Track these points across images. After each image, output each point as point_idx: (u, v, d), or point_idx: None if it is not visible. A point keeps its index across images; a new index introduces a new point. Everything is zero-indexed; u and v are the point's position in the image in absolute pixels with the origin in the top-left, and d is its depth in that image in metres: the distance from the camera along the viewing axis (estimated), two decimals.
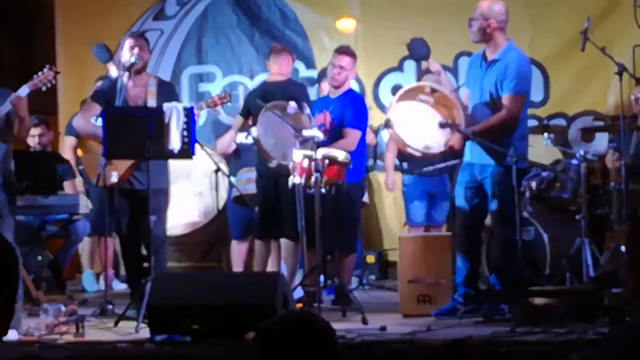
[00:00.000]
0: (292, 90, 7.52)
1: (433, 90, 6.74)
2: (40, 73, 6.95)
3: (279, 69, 7.72)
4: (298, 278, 7.54)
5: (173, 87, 7.70)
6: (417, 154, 6.74)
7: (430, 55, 7.84)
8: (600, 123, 8.39)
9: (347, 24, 9.58)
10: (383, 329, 5.81)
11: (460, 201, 6.64)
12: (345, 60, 7.44)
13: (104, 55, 9.35)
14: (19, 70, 7.35)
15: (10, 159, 7.10)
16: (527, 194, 7.27)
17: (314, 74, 9.38)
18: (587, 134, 8.43)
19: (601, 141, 8.29)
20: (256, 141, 7.17)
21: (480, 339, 5.24)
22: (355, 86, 8.74)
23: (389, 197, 9.24)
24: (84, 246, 9.25)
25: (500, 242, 6.52)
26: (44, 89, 7.05)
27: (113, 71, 8.87)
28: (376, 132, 8.75)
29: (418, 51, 7.66)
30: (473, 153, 6.51)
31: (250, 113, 7.61)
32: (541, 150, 8.00)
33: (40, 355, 5.07)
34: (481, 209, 6.54)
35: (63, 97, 10.05)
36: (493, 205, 6.43)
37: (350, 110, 7.35)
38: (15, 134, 7.04)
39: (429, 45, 7.45)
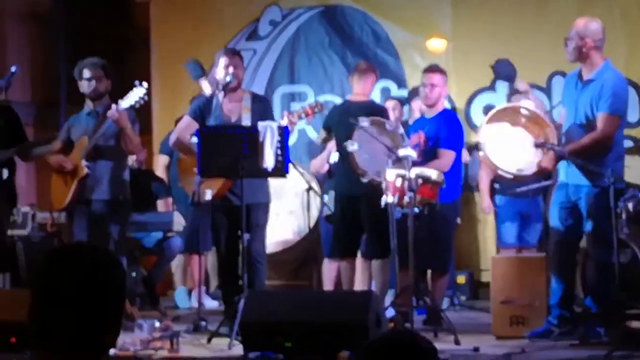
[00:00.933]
0: (373, 111, 7.44)
1: (526, 111, 6.70)
2: (133, 90, 7.13)
3: (362, 89, 7.64)
4: (388, 297, 7.54)
5: (267, 100, 7.78)
6: (509, 176, 6.69)
7: (520, 74, 7.83)
8: None
9: (438, 44, 9.55)
10: (476, 350, 5.79)
11: (554, 222, 6.56)
12: (435, 78, 7.39)
13: (197, 71, 9.50)
14: (116, 93, 7.48)
15: (123, 176, 7.28)
16: (624, 216, 7.12)
17: (404, 93, 9.36)
18: None
19: None
20: (349, 155, 7.07)
21: None
22: (445, 104, 8.74)
23: (481, 217, 9.16)
24: (177, 263, 9.32)
25: (596, 264, 6.42)
26: (137, 106, 7.21)
27: (206, 88, 8.98)
28: (468, 151, 8.68)
29: (504, 72, 7.62)
30: (568, 173, 6.42)
31: (330, 129, 7.62)
32: (638, 171, 7.86)
33: None
34: (576, 230, 6.45)
35: (157, 117, 10.21)
36: (588, 226, 6.35)
37: (445, 131, 7.30)
38: (125, 148, 7.23)
39: (514, 65, 7.40)
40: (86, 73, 7.36)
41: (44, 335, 2.37)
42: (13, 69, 7.50)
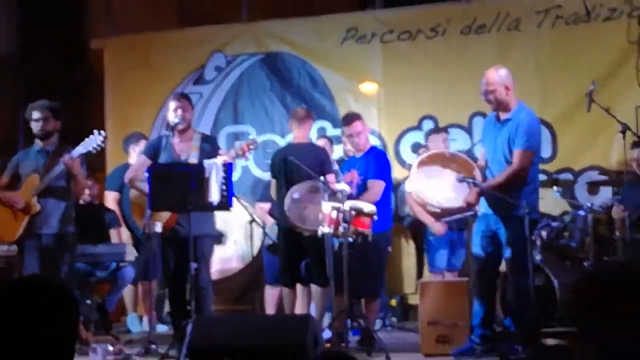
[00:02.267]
0: (314, 152, 7.53)
1: (453, 156, 6.81)
2: (90, 137, 7.09)
3: (303, 133, 7.68)
4: (325, 320, 7.54)
5: (215, 139, 7.74)
6: (436, 210, 6.77)
7: (444, 115, 7.89)
8: (605, 177, 8.38)
9: (369, 87, 9.62)
10: None
11: (476, 249, 6.62)
12: (358, 126, 7.46)
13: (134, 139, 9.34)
14: (73, 133, 7.45)
15: (70, 213, 7.22)
16: (538, 243, 7.25)
17: (339, 132, 9.40)
18: (593, 188, 8.41)
19: (605, 194, 8.28)
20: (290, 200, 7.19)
21: None
22: (376, 141, 8.79)
23: (410, 246, 9.22)
24: (128, 290, 9.23)
25: (514, 287, 6.47)
26: (93, 152, 7.17)
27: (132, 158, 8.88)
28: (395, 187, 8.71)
29: None
30: (486, 205, 6.52)
31: (276, 177, 7.61)
32: (550, 202, 7.99)
33: None
34: (496, 256, 6.51)
35: (110, 156, 10.07)
36: (507, 252, 6.41)
37: (373, 165, 7.37)
38: (73, 189, 7.18)
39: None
40: (35, 114, 7.32)
41: None
42: None
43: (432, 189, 6.65)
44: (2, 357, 2.32)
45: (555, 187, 8.06)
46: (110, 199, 9.25)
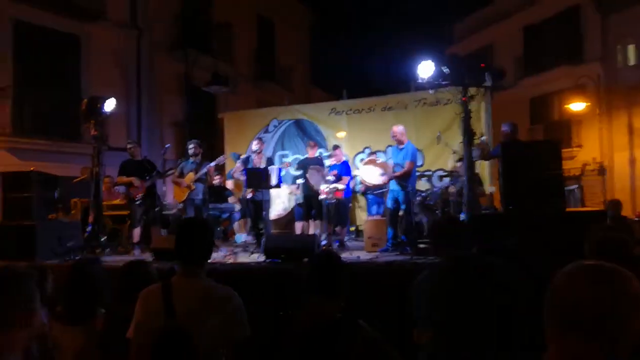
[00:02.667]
0: (317, 161, 7.49)
1: (380, 162, 6.76)
2: (219, 157, 7.02)
3: (312, 153, 7.67)
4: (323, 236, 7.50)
5: (272, 158, 7.69)
6: (371, 185, 6.75)
7: (376, 146, 7.80)
8: (445, 173, 8.31)
9: (342, 134, 9.50)
10: (358, 257, 5.73)
11: (388, 205, 6.54)
12: (337, 152, 7.44)
13: (235, 156, 9.29)
14: (208, 156, 7.42)
15: (206, 190, 7.12)
16: (417, 202, 7.21)
17: (327, 154, 9.32)
18: (441, 178, 8.31)
19: (445, 181, 8.09)
20: (307, 180, 7.19)
21: (398, 261, 5.14)
22: (345, 157, 8.79)
23: (359, 203, 9.13)
24: (237, 224, 9.12)
25: (406, 222, 6.37)
26: (219, 164, 7.08)
27: (238, 163, 8.78)
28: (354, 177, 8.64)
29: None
30: (393, 184, 6.45)
31: (302, 168, 7.57)
32: (421, 185, 7.94)
33: (218, 268, 4.98)
34: (397, 207, 6.43)
35: (228, 165, 9.98)
36: (402, 206, 6.35)
37: (344, 168, 7.31)
38: (207, 180, 7.08)
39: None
40: (189, 145, 7.23)
41: (184, 254, 2.35)
42: (167, 145, 7.39)
43: (368, 176, 6.60)
44: (182, 248, 2.33)
45: (424, 178, 8.04)
46: (229, 183, 9.26)
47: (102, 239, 6.58)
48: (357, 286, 3.77)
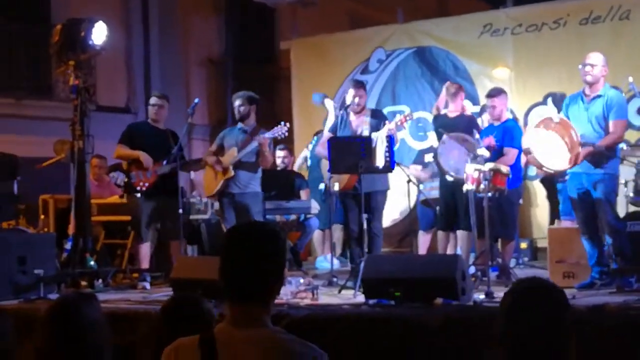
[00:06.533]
0: (466, 121, 7.41)
1: (557, 120, 6.54)
2: (278, 126, 7.15)
3: (455, 106, 7.59)
4: (470, 259, 7.45)
5: (381, 112, 7.74)
6: (551, 171, 6.63)
7: (568, 93, 7.64)
8: None
9: (502, 72, 9.43)
10: None
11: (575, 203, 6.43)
12: (495, 101, 7.23)
13: (318, 98, 9.56)
14: (265, 118, 7.61)
15: (258, 178, 7.31)
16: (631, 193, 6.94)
17: (477, 109, 9.23)
18: None
19: None
20: (437, 162, 7.19)
21: (615, 305, 5.03)
22: (509, 115, 8.62)
23: (537, 198, 9.00)
24: (317, 236, 9.33)
25: (617, 233, 6.18)
26: (279, 138, 7.25)
27: (329, 106, 9.06)
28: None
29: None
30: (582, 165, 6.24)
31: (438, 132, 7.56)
32: None
33: (289, 313, 5.13)
34: (593, 208, 6.23)
35: (297, 134, 10.36)
36: (600, 197, 6.16)
37: (509, 134, 7.14)
38: (260, 163, 7.28)
39: None
40: (236, 102, 7.42)
41: (232, 290, 2.42)
42: (196, 100, 7.63)
43: (547, 150, 6.41)
44: (231, 280, 2.39)
45: None
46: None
47: (91, 262, 6.98)
48: None
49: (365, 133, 7.01)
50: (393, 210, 9.12)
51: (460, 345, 4.66)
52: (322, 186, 8.27)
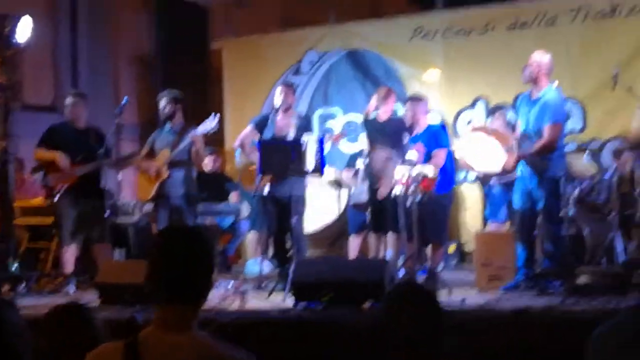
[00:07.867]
0: (396, 125, 7.47)
1: (494, 130, 6.72)
2: (208, 119, 7.10)
3: (384, 109, 7.57)
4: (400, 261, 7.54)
5: (308, 118, 7.80)
6: (480, 172, 6.76)
7: (494, 95, 7.79)
8: (627, 145, 8.17)
9: (433, 75, 9.50)
10: (464, 300, 5.75)
11: (517, 203, 6.54)
12: (408, 106, 7.36)
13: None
14: (197, 117, 7.53)
15: (192, 179, 7.30)
16: (572, 199, 7.13)
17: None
18: (617, 153, 8.20)
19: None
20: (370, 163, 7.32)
21: (538, 308, 5.15)
22: (436, 119, 8.77)
23: (465, 203, 9.16)
24: (250, 239, 9.31)
25: (550, 235, 6.36)
26: (209, 133, 7.20)
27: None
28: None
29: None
30: (522, 168, 6.41)
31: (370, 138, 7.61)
32: (581, 166, 7.88)
33: (216, 318, 5.07)
34: (533, 210, 6.40)
35: (229, 134, 10.20)
36: (541, 206, 6.31)
37: (433, 138, 7.17)
38: (193, 161, 7.24)
39: None
40: (161, 103, 7.36)
41: (161, 293, 2.42)
42: (125, 99, 7.53)
43: (477, 154, 6.55)
44: (159, 283, 2.41)
45: (585, 154, 7.97)
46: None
47: (14, 267, 6.84)
48: (463, 350, 3.78)
49: (291, 135, 7.05)
50: (324, 214, 9.13)
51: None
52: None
